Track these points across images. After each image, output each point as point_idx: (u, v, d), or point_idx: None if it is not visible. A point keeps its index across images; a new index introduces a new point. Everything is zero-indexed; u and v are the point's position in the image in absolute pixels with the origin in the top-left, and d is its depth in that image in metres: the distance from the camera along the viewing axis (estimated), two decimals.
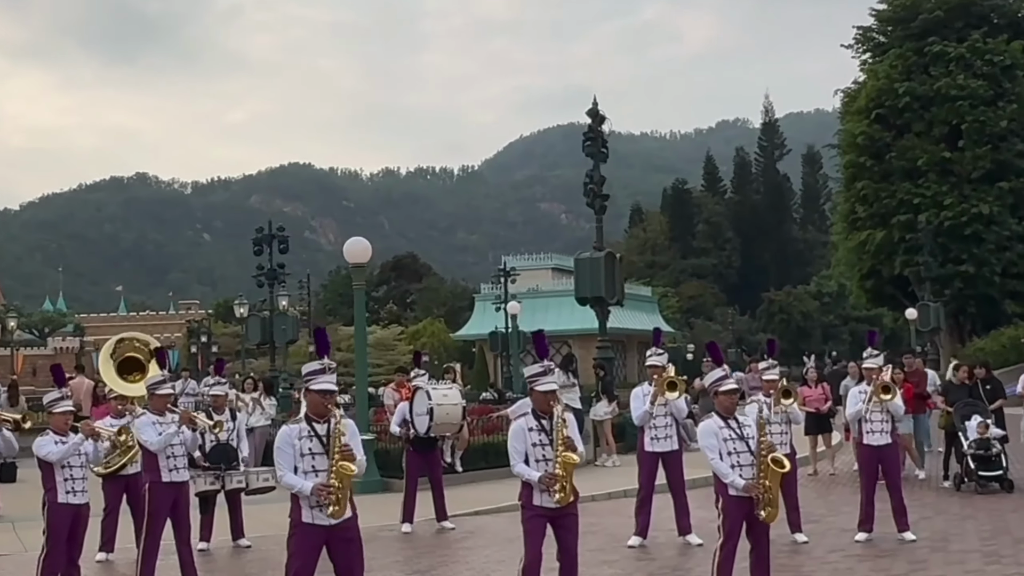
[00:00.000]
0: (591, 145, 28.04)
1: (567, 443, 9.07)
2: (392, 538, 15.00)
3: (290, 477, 8.25)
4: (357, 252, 19.93)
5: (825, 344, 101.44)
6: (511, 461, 9.28)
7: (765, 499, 9.38)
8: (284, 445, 8.34)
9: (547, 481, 9.02)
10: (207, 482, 14.20)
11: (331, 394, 8.46)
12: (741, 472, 9.48)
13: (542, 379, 9.28)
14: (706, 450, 9.66)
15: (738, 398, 10.05)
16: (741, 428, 9.65)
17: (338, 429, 8.31)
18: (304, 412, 8.52)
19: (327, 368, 8.47)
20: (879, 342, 14.52)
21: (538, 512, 9.12)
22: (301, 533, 8.27)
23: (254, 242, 38.61)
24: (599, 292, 27.19)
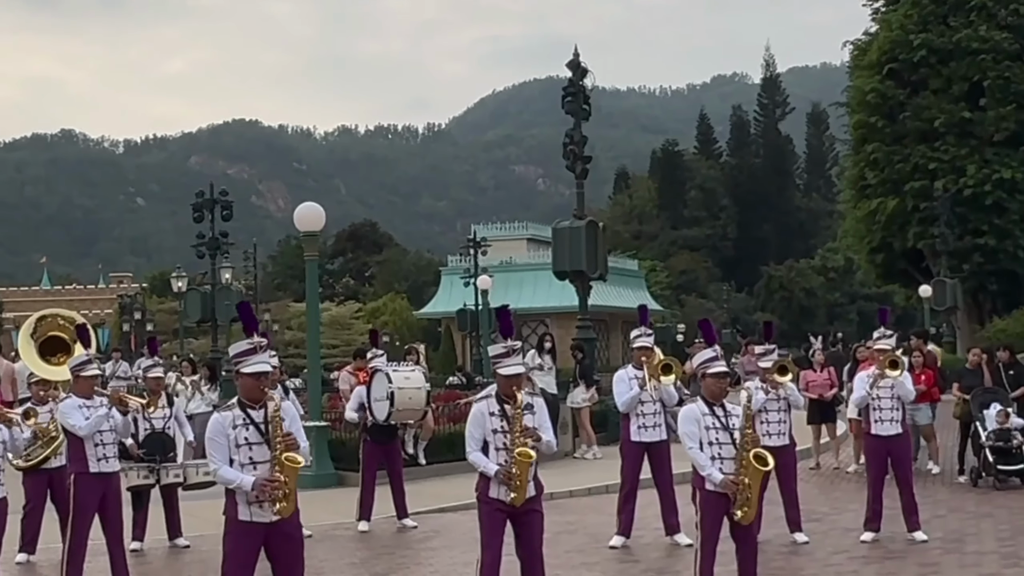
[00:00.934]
0: (571, 101, 28.00)
1: (526, 433, 9.07)
2: (347, 538, 15.03)
3: (226, 471, 8.23)
4: (309, 219, 19.89)
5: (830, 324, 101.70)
6: (467, 448, 9.31)
7: (743, 498, 9.40)
8: (216, 435, 8.31)
9: (502, 477, 9.04)
10: (140, 475, 14.15)
11: (265, 376, 8.44)
12: (722, 466, 9.51)
13: (506, 361, 9.29)
14: (684, 437, 9.71)
15: (728, 383, 10.09)
16: (727, 417, 9.67)
17: (277, 416, 8.29)
18: (237, 397, 8.51)
19: (258, 347, 8.43)
20: (891, 321, 14.55)
21: (495, 506, 9.13)
22: (237, 532, 8.27)
23: (194, 208, 38.43)
24: (579, 265, 27.21)
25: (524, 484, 9.06)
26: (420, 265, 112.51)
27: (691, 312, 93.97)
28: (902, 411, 13.61)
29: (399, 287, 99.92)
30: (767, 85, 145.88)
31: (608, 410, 23.36)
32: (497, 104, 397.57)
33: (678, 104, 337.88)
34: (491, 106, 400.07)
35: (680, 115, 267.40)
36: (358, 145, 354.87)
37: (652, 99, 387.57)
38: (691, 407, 9.82)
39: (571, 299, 29.96)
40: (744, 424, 9.55)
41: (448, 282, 73.01)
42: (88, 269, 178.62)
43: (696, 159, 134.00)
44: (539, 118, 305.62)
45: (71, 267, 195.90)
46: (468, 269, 55.48)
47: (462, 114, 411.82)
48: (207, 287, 40.00)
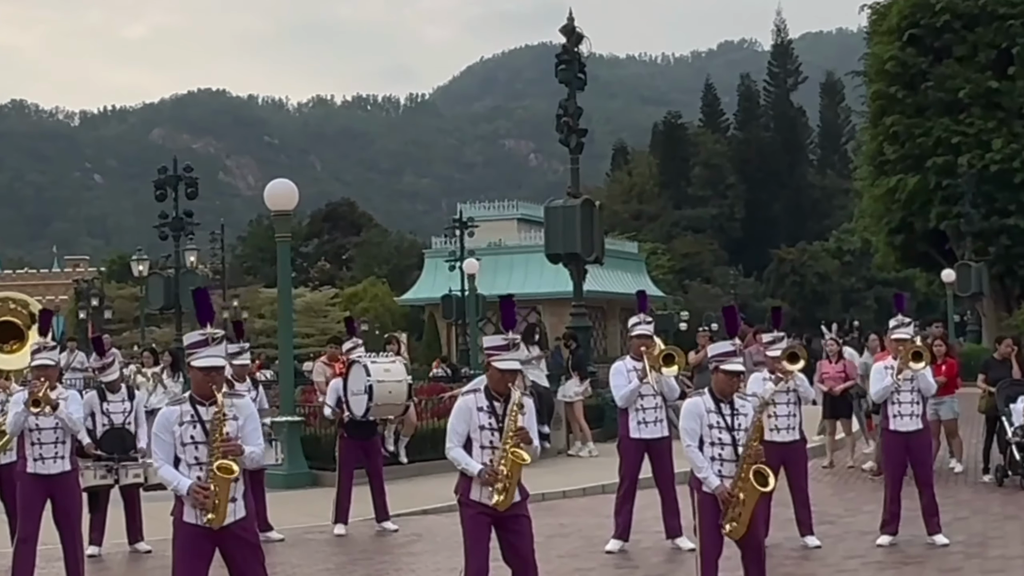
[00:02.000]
0: (566, 70, 28.02)
1: (519, 435, 9.07)
2: (323, 541, 15.06)
3: (166, 470, 8.29)
4: (281, 197, 19.90)
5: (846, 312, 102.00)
6: (447, 443, 9.32)
7: (733, 512, 9.38)
8: (162, 431, 8.36)
9: (487, 477, 9.03)
10: (98, 475, 14.12)
11: (218, 371, 8.45)
12: (721, 468, 9.51)
13: (503, 355, 9.30)
14: (684, 434, 9.68)
15: (739, 381, 10.08)
16: (735, 416, 9.64)
17: (219, 416, 8.29)
18: (189, 392, 8.54)
19: (210, 338, 8.44)
20: (909, 308, 14.59)
21: (479, 510, 9.14)
22: (184, 535, 8.33)
23: (156, 185, 38.37)
24: (574, 248, 27.26)
25: (512, 487, 9.07)
26: (402, 248, 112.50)
27: (695, 298, 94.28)
28: (923, 405, 13.65)
29: (379, 271, 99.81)
30: (778, 52, 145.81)
31: (605, 404, 23.42)
32: (485, 73, 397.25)
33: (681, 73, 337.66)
34: (479, 75, 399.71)
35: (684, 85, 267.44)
36: (334, 117, 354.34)
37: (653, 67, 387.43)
38: (696, 401, 9.77)
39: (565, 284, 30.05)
40: (752, 434, 9.49)
41: (432, 266, 72.96)
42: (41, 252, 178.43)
43: (701, 133, 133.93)
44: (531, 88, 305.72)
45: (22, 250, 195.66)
46: (454, 252, 55.41)
47: (447, 83, 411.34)
48: (170, 271, 39.95)
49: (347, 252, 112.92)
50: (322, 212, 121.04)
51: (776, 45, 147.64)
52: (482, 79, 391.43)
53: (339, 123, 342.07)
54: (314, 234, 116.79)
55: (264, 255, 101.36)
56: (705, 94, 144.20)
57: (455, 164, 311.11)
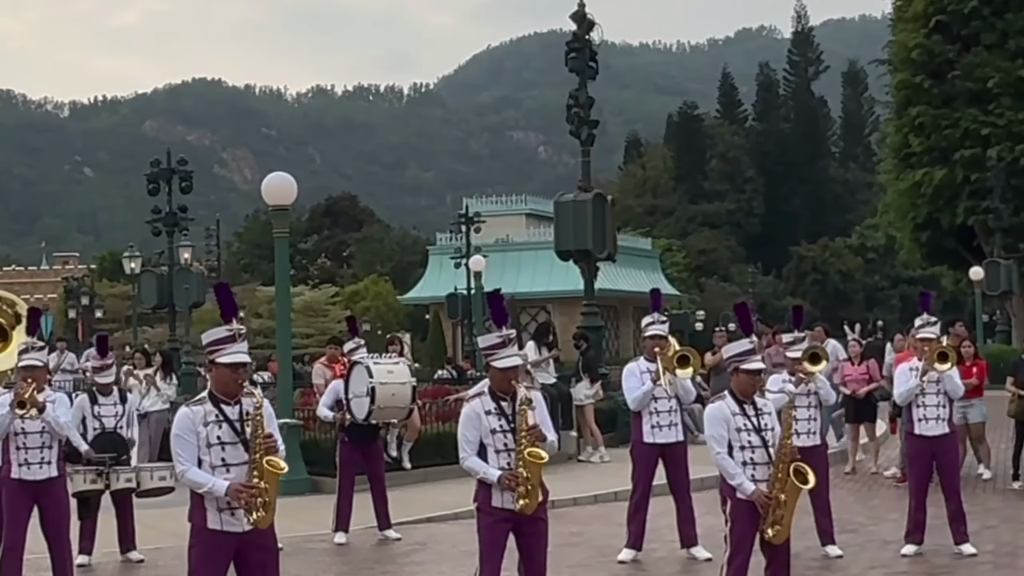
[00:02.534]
0: (577, 58, 28.04)
1: (532, 434, 9.07)
2: (322, 551, 15.07)
3: (195, 473, 8.22)
4: (279, 192, 19.89)
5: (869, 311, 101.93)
6: (461, 454, 9.28)
7: (775, 515, 9.39)
8: (185, 432, 8.30)
9: (507, 482, 9.03)
10: (87, 480, 14.09)
11: (243, 367, 8.46)
12: (754, 472, 9.53)
13: (500, 352, 9.30)
14: (711, 441, 9.70)
15: (761, 380, 10.09)
16: (759, 416, 9.66)
17: (259, 414, 8.30)
18: (209, 390, 8.53)
19: (237, 335, 8.45)
20: (936, 307, 14.58)
21: (499, 517, 9.13)
22: (206, 542, 8.29)
23: (149, 179, 38.45)
24: (585, 244, 27.27)
25: (536, 488, 9.06)
26: (405, 244, 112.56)
27: (711, 297, 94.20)
28: (949, 409, 13.62)
29: (381, 269, 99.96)
30: (798, 40, 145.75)
31: (617, 408, 23.42)
32: (492, 61, 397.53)
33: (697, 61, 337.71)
34: (485, 64, 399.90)
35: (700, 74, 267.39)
36: (334, 108, 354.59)
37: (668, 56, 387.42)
38: (719, 405, 9.76)
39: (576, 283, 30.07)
40: (784, 432, 9.50)
41: (437, 263, 72.98)
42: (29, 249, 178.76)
43: (718, 124, 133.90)
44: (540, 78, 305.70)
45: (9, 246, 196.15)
46: (459, 248, 55.44)
47: (452, 73, 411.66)
48: (164, 269, 40.03)
49: (348, 249, 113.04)
50: (322, 207, 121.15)
51: (796, 32, 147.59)
52: (489, 68, 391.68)
53: (340, 114, 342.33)
54: (314, 230, 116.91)
55: (261, 252, 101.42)
56: (722, 84, 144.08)
57: (461, 157, 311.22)
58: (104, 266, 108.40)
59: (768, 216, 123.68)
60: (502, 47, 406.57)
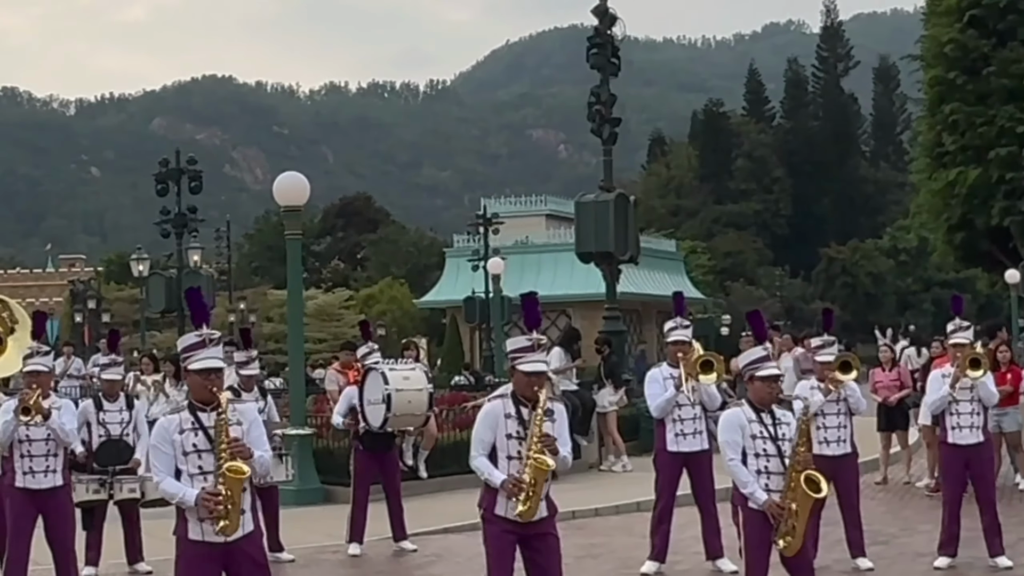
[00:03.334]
0: (598, 54, 28.05)
1: (544, 442, 9.05)
2: (336, 562, 15.10)
3: (169, 483, 8.32)
4: (291, 192, 19.94)
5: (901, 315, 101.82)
6: (472, 451, 9.31)
7: (787, 526, 9.38)
8: (161, 442, 8.41)
9: (510, 487, 9.03)
10: (91, 489, 14.07)
11: (216, 373, 8.51)
12: (768, 482, 9.51)
13: (528, 356, 9.29)
14: (725, 447, 9.67)
15: (779, 388, 10.08)
16: (776, 425, 9.65)
17: (223, 419, 8.34)
18: (187, 398, 8.59)
19: (207, 340, 8.53)
20: (970, 311, 14.55)
21: (504, 527, 9.14)
22: (189, 553, 8.36)
23: (157, 179, 38.54)
24: (607, 246, 27.29)
25: (536, 497, 9.05)
26: (421, 246, 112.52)
27: (738, 301, 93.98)
28: (984, 416, 13.59)
29: (396, 271, 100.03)
30: (828, 35, 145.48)
31: (640, 415, 23.41)
32: (511, 57, 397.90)
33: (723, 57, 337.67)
34: (504, 60, 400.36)
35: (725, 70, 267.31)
36: (348, 105, 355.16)
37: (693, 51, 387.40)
38: (735, 412, 9.78)
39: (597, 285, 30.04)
40: (797, 440, 9.49)
41: (454, 266, 73.05)
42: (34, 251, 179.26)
43: (744, 122, 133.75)
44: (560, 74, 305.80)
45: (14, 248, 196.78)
46: (477, 251, 55.46)
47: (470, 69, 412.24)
48: (173, 271, 40.09)
49: (362, 251, 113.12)
50: (335, 208, 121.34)
51: (826, 27, 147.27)
52: (507, 64, 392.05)
53: (354, 112, 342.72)
54: (327, 231, 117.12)
55: (273, 254, 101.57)
56: (749, 80, 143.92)
57: (478, 156, 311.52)
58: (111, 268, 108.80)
59: (796, 217, 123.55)
60: (521, 43, 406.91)
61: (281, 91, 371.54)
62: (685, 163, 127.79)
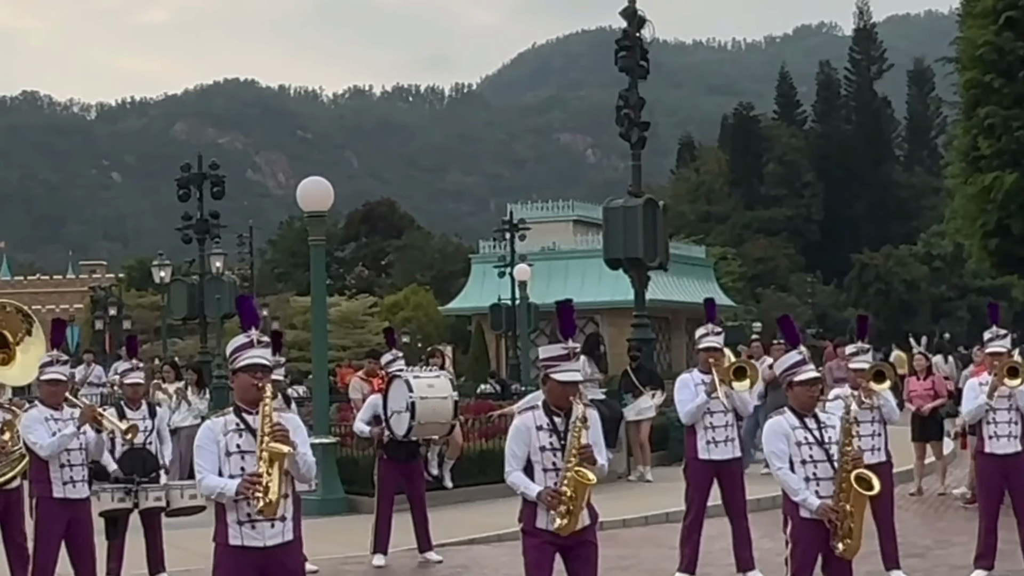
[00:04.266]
0: (627, 57, 28.04)
1: (583, 454, 9.01)
2: (360, 573, 15.12)
3: (210, 479, 8.37)
4: (315, 197, 19.97)
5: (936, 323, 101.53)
6: (506, 467, 9.26)
7: (844, 528, 9.36)
8: (206, 442, 8.47)
9: (549, 499, 9.00)
10: (115, 498, 14.13)
11: (261, 369, 8.54)
12: (818, 488, 9.48)
13: (562, 365, 9.25)
14: (772, 457, 9.68)
15: (819, 391, 10.06)
16: (821, 430, 9.62)
17: (270, 408, 8.38)
18: (233, 401, 8.63)
19: (255, 341, 8.58)
20: (1006, 319, 14.51)
21: (544, 539, 9.11)
22: (228, 559, 8.38)
23: (179, 184, 38.65)
24: (635, 252, 27.28)
25: (577, 510, 9.02)
26: (446, 252, 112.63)
27: (769, 308, 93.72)
28: (1022, 426, 13.53)
29: (421, 278, 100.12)
30: (860, 37, 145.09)
31: (669, 424, 23.34)
32: (538, 60, 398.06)
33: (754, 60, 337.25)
34: (530, 63, 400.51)
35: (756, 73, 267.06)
36: (372, 109, 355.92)
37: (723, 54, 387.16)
38: (778, 420, 9.73)
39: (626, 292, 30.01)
40: (843, 439, 9.45)
41: (479, 272, 73.02)
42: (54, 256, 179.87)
43: (775, 126, 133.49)
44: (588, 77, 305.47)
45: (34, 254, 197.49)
46: (503, 257, 55.43)
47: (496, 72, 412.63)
48: (195, 278, 40.22)
49: (387, 257, 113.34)
50: (359, 213, 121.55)
51: (858, 29, 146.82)
52: (534, 67, 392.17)
53: (378, 116, 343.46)
54: (351, 237, 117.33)
55: (296, 260, 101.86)
56: (780, 83, 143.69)
57: (504, 160, 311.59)
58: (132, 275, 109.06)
59: (828, 223, 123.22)
60: (548, 45, 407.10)
61: (304, 95, 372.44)
62: (715, 168, 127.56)
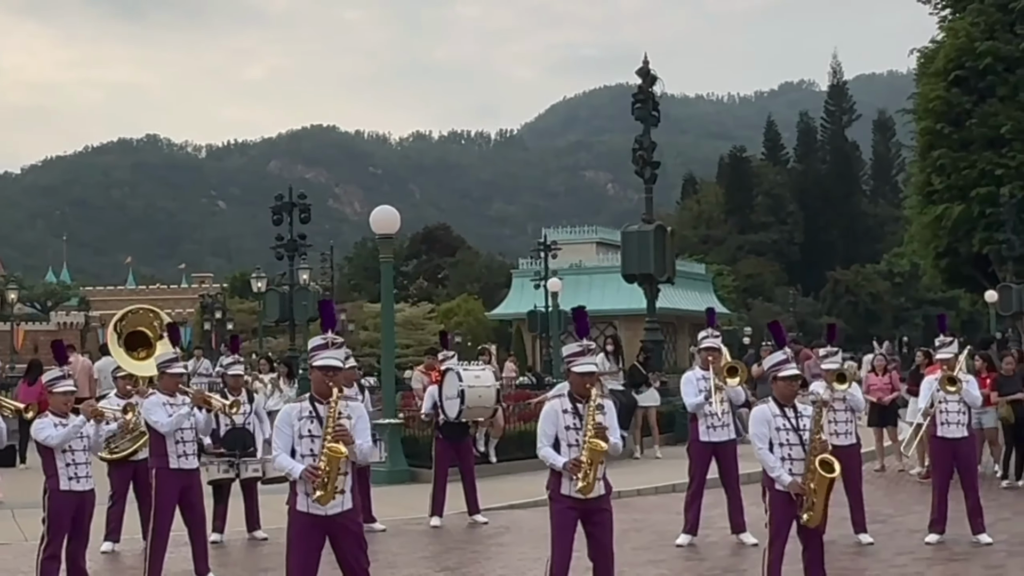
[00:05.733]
0: (641, 108, 27.97)
1: (597, 429, 9.07)
2: (420, 532, 15.09)
3: (283, 458, 8.37)
4: (384, 222, 19.98)
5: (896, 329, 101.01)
6: (538, 444, 9.33)
7: (808, 502, 9.45)
8: (283, 425, 8.49)
9: (571, 467, 9.03)
10: (220, 469, 14.29)
11: (334, 371, 8.52)
12: (791, 467, 9.55)
13: (580, 359, 9.32)
14: (754, 439, 9.76)
15: (799, 386, 10.09)
16: (798, 418, 9.68)
17: (335, 408, 8.36)
18: (309, 391, 8.64)
19: (330, 343, 8.56)
20: (955, 326, 14.47)
21: (567, 504, 9.13)
22: (297, 523, 8.40)
23: (273, 211, 38.70)
24: (648, 269, 27.19)
25: (592, 475, 9.06)
26: (492, 267, 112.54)
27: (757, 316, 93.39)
28: (968, 415, 13.54)
29: (471, 289, 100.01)
30: (834, 92, 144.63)
31: (675, 411, 23.39)
32: (568, 111, 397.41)
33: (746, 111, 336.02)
34: (562, 113, 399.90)
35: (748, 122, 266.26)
36: (431, 150, 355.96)
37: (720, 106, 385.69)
38: (762, 408, 9.85)
39: (639, 302, 29.91)
40: (813, 428, 9.54)
41: (519, 284, 72.99)
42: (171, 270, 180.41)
43: (763, 165, 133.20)
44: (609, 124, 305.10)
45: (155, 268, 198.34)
46: (539, 272, 55.39)
47: (533, 120, 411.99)
48: (285, 288, 40.26)
49: (443, 271, 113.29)
50: (420, 235, 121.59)
51: (832, 86, 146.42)
52: (565, 116, 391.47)
53: (435, 156, 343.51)
54: (413, 255, 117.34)
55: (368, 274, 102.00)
56: (767, 130, 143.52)
57: (540, 193, 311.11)
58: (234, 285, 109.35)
59: (807, 245, 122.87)
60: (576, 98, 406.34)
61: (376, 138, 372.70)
62: (713, 200, 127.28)
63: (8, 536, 14.77)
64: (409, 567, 12.66)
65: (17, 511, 16.23)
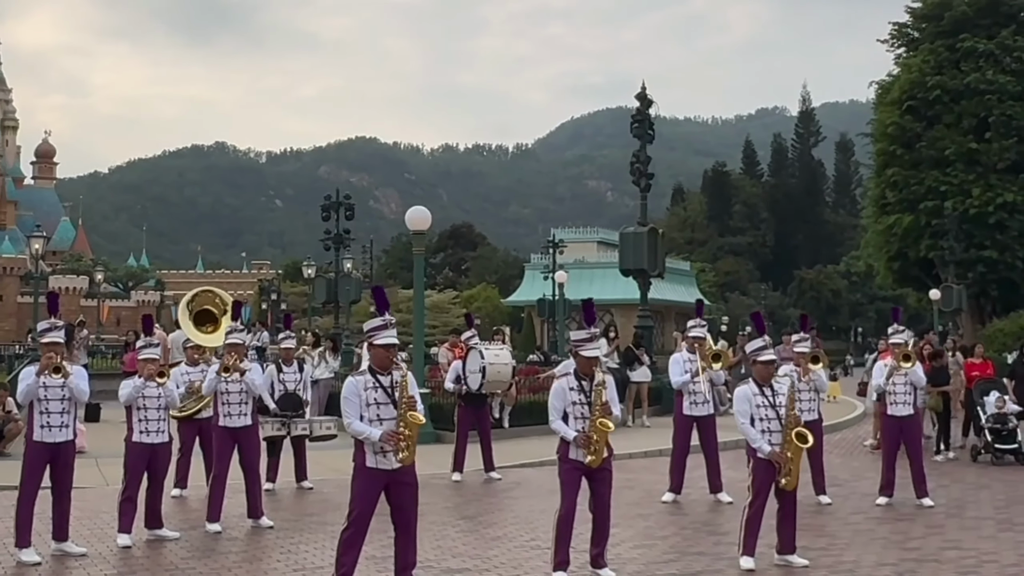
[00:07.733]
0: (639, 127, 27.89)
1: (604, 408, 9.03)
2: (443, 486, 15.07)
3: (358, 424, 8.30)
4: (417, 220, 19.96)
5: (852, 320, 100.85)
6: (550, 417, 9.26)
7: (785, 469, 9.50)
8: (351, 395, 8.37)
9: (581, 442, 8.99)
10: (274, 428, 14.29)
11: (394, 348, 8.49)
12: (770, 438, 9.57)
13: (587, 345, 9.25)
14: (738, 415, 9.75)
15: (775, 369, 10.07)
16: (775, 396, 9.69)
17: (404, 381, 8.34)
18: (368, 365, 8.56)
19: (388, 324, 8.49)
20: (903, 319, 14.38)
21: (574, 466, 9.09)
22: (365, 477, 8.32)
23: (322, 209, 38.73)
24: (642, 265, 27.13)
25: (602, 449, 9.04)
26: (507, 261, 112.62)
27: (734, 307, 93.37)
28: (914, 395, 13.46)
29: (490, 279, 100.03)
30: (803, 117, 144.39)
31: (663, 387, 23.35)
32: (574, 128, 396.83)
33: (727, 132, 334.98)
34: (569, 130, 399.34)
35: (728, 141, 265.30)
36: (458, 160, 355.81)
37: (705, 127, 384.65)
38: (744, 388, 9.81)
39: (634, 293, 29.82)
40: (788, 405, 9.57)
41: (531, 276, 73.00)
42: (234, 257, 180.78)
43: (741, 179, 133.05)
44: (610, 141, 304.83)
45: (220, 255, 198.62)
46: (547, 266, 55.39)
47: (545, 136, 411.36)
48: (332, 274, 40.33)
49: (466, 264, 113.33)
50: (447, 232, 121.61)
51: (802, 111, 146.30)
52: (572, 133, 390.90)
53: (461, 165, 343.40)
54: (441, 249, 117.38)
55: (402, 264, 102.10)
56: (745, 149, 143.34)
57: (549, 198, 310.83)
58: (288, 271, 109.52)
59: (777, 248, 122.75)
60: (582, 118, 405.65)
61: (411, 148, 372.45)
62: (697, 207, 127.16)
63: (92, 481, 14.77)
64: (434, 515, 12.62)
65: (100, 460, 16.24)
